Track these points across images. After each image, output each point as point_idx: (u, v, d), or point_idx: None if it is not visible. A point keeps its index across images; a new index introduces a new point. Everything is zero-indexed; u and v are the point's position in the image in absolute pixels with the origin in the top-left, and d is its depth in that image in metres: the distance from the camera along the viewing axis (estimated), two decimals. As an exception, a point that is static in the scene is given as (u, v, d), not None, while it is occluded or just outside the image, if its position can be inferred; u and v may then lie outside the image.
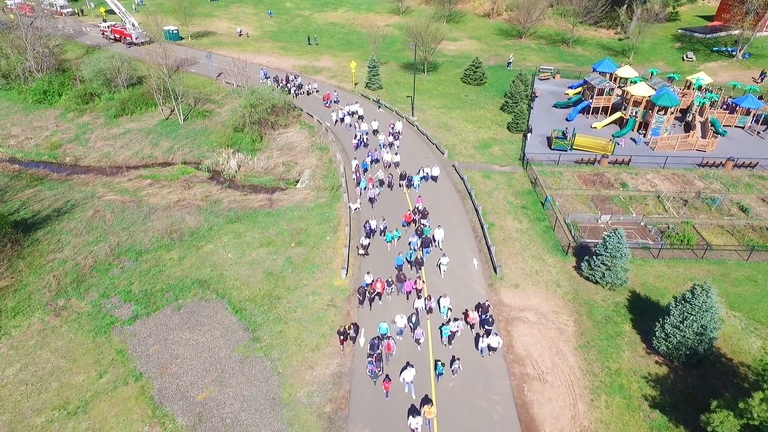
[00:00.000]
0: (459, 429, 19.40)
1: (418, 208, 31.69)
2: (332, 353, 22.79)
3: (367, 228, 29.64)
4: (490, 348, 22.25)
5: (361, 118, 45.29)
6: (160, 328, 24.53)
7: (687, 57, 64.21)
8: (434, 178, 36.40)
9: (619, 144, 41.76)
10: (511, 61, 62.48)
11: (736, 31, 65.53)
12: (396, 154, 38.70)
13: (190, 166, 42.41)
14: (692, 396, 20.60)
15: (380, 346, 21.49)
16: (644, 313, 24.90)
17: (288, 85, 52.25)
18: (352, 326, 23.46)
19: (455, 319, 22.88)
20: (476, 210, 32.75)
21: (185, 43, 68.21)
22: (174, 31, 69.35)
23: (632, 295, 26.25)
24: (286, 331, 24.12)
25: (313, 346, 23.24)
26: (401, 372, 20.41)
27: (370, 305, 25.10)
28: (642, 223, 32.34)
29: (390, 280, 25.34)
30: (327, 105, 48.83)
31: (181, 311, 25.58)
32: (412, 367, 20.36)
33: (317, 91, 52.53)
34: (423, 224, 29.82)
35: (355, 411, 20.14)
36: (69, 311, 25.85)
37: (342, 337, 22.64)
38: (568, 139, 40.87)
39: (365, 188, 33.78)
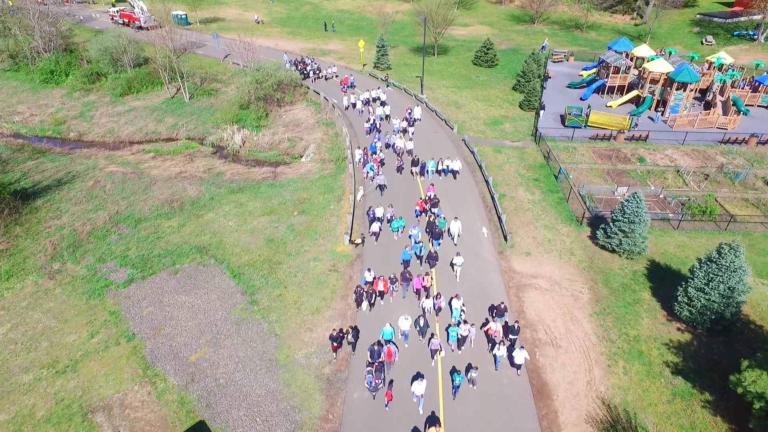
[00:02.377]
0: (467, 393, 18.15)
1: (429, 196, 28.27)
2: (333, 316, 21.68)
3: (371, 215, 26.32)
4: (513, 364, 18.72)
5: (383, 104, 41.49)
6: (156, 291, 23.61)
7: (706, 41, 62.25)
8: (454, 173, 31.92)
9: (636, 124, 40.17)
10: (546, 44, 60.60)
11: (758, 16, 63.44)
12: (410, 139, 35.13)
13: (194, 141, 41.65)
14: (718, 363, 19.14)
15: (381, 354, 18.42)
16: (664, 282, 23.46)
17: (306, 69, 50.31)
18: (350, 330, 19.63)
19: (465, 322, 19.47)
20: (486, 181, 31.47)
21: (193, 28, 67.72)
22: (182, 16, 68.95)
23: (651, 263, 24.79)
24: (286, 294, 23.06)
25: (313, 309, 22.15)
26: (411, 383, 17.46)
27: (371, 307, 21.82)
28: (661, 196, 30.82)
29: (393, 277, 22.19)
30: (344, 90, 45.80)
31: (178, 275, 24.65)
32: (424, 378, 17.37)
33: (336, 76, 50.00)
34: (433, 213, 26.84)
35: (355, 373, 19.00)
36: (63, 274, 25.05)
37: (336, 344, 19.19)
38: (582, 115, 39.42)
39: (371, 171, 31.02)
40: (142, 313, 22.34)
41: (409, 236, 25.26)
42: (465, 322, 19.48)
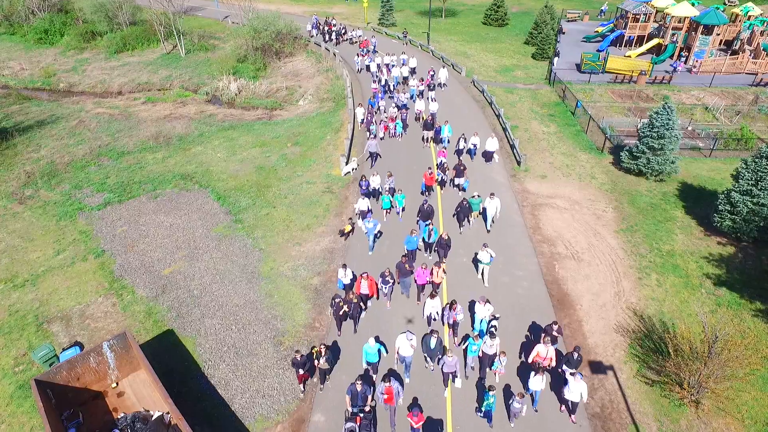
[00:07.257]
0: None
1: (442, 163, 21.80)
2: (325, 232, 19.37)
3: (364, 187, 20.10)
4: (568, 406, 12.33)
5: (413, 71, 33.87)
6: (132, 213, 21.46)
7: (729, 1, 59.13)
8: (487, 156, 24.03)
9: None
10: (605, 8, 57.02)
11: (784, -24, 60.12)
12: (434, 100, 27.47)
13: (189, 91, 39.55)
14: (769, 273, 16.54)
15: (369, 395, 11.66)
16: (699, 201, 20.85)
17: (331, 30, 46.13)
18: (324, 349, 12.73)
19: (493, 335, 12.90)
20: (497, 115, 28.98)
21: (194, -4, 65.91)
22: (183, -16, 67.00)
23: (683, 185, 22.19)
24: (274, 213, 20.80)
25: (303, 226, 19.86)
26: None
27: (340, 322, 14.68)
28: (690, 128, 28.11)
29: (386, 273, 15.33)
30: (363, 54, 38.75)
31: (158, 199, 22.49)
32: None
33: (361, 38, 44.91)
34: (459, 185, 21.03)
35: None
36: (35, 200, 23.00)
37: (302, 372, 12.82)
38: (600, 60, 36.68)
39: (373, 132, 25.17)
40: (115, 232, 20.19)
41: (366, 233, 18.12)
42: (492, 335, 12.96)
